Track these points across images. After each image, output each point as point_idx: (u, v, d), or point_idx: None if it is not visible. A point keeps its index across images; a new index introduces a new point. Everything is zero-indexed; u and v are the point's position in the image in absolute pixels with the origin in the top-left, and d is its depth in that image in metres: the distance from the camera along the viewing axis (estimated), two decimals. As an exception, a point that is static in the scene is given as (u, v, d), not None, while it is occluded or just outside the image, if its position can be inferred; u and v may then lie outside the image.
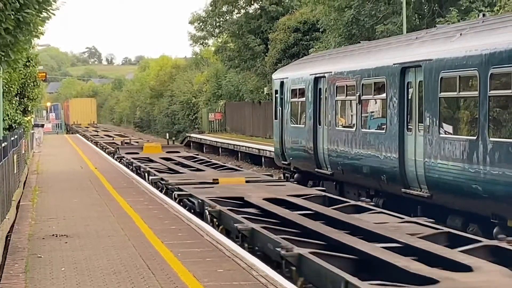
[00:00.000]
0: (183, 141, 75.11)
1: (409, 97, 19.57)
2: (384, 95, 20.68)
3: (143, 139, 62.34)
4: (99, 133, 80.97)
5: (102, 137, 67.69)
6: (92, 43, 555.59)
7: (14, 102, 34.26)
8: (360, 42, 28.05)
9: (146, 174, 28.48)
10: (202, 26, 71.32)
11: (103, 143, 54.86)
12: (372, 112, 22.34)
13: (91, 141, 63.14)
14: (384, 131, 20.62)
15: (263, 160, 47.33)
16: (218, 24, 70.26)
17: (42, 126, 62.95)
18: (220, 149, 59.21)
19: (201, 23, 71.08)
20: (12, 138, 22.00)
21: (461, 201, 16.92)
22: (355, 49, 25.60)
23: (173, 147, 44.85)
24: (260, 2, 65.72)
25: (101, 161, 36.83)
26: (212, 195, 19.34)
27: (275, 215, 16.47)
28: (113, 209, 19.55)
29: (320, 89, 25.83)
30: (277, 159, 30.91)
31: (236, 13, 68.46)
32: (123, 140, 53.72)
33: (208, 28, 71.39)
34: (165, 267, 12.32)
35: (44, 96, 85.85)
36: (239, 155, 53.88)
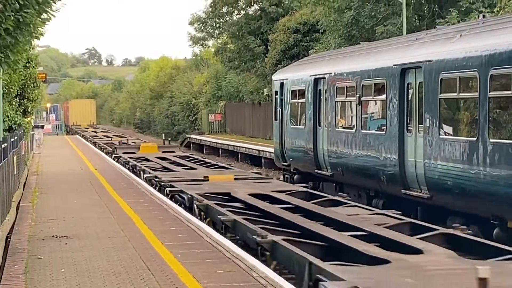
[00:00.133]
0: (183, 142, 75.11)
1: (409, 98, 19.57)
2: (384, 96, 20.68)
3: (141, 140, 62.72)
4: (98, 133, 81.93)
5: (100, 138, 68.65)
6: (92, 44, 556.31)
7: (14, 103, 34.29)
8: (360, 43, 28.06)
9: (141, 172, 29.56)
10: (202, 27, 71.32)
11: (101, 143, 55.82)
12: (372, 113, 22.34)
13: (90, 142, 63.86)
14: (384, 132, 20.62)
15: (263, 161, 47.31)
16: (218, 25, 70.27)
17: (42, 127, 62.99)
18: (220, 150, 59.20)
19: (201, 24, 71.08)
20: (12, 139, 21.99)
21: (461, 202, 16.92)
22: (355, 50, 25.60)
23: (169, 147, 45.73)
24: (260, 3, 65.74)
25: (101, 162, 36.82)
26: (201, 191, 20.57)
27: (258, 208, 17.80)
28: (113, 210, 19.54)
29: (320, 90, 25.83)
30: (277, 160, 30.91)
31: (236, 14, 68.49)
32: (121, 141, 54.74)
33: (208, 29, 71.41)
34: (165, 268, 12.32)
35: (44, 97, 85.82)
36: (239, 156, 53.86)
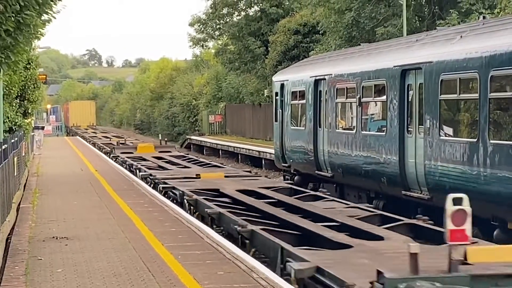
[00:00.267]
0: (183, 143, 75.12)
1: (409, 99, 19.57)
2: (384, 97, 20.68)
3: (139, 141, 63.25)
4: (98, 134, 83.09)
5: (100, 138, 69.80)
6: (93, 45, 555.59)
7: (14, 104, 34.29)
8: (360, 45, 28.06)
9: (137, 171, 30.70)
10: (202, 28, 71.34)
11: (100, 144, 56.96)
12: (372, 114, 22.34)
13: (89, 142, 64.68)
14: (384, 133, 20.62)
15: (263, 162, 47.32)
16: (218, 26, 70.30)
17: (43, 128, 62.97)
18: (220, 152, 59.21)
19: (201, 25, 71.09)
20: (13, 141, 21.98)
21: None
22: (355, 51, 25.61)
23: (165, 147, 46.55)
24: (261, 5, 65.75)
25: (101, 164, 36.82)
26: (192, 187, 22.01)
27: (243, 203, 19.26)
28: (113, 211, 19.54)
29: (320, 91, 25.83)
30: (277, 161, 30.91)
31: (236, 16, 68.52)
32: (119, 141, 55.80)
33: (208, 30, 71.42)
34: (165, 270, 12.31)
35: (44, 98, 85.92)
36: (239, 157, 53.86)
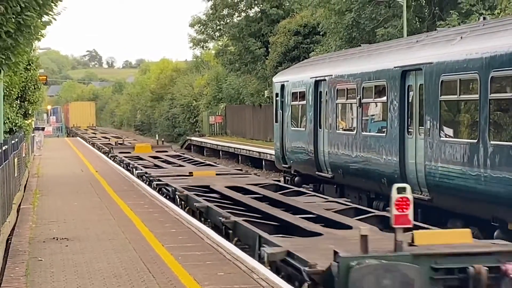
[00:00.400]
0: (183, 144, 75.12)
1: (410, 100, 19.56)
2: (385, 98, 20.68)
3: (137, 141, 63.78)
4: (97, 135, 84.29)
5: (99, 139, 71.06)
6: (93, 46, 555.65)
7: (14, 105, 34.27)
8: (360, 45, 28.08)
9: (134, 169, 31.84)
10: (203, 29, 71.34)
11: (99, 144, 58.28)
12: (372, 115, 22.34)
13: (88, 142, 65.60)
14: (384, 134, 20.62)
15: (263, 163, 47.33)
16: (218, 27, 70.30)
17: (43, 129, 63.02)
18: (221, 152, 59.22)
19: (201, 26, 71.09)
20: (13, 142, 21.98)
21: (461, 204, 16.92)
22: (356, 52, 25.61)
23: (162, 147, 47.42)
24: (261, 5, 65.75)
25: (101, 164, 36.83)
26: (184, 184, 23.08)
27: (231, 198, 20.45)
28: (114, 212, 19.55)
29: (321, 92, 25.83)
30: (277, 162, 30.90)
31: (237, 16, 68.51)
32: (117, 141, 57.12)
33: (208, 31, 71.42)
34: (165, 270, 12.32)
35: (45, 99, 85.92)
36: (239, 158, 53.87)
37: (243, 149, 52.86)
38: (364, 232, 10.66)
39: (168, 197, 22.99)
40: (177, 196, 21.71)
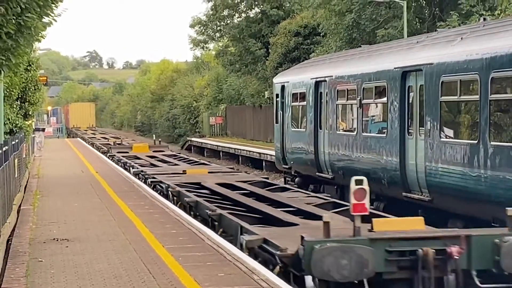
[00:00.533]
0: (184, 145, 75.14)
1: (410, 101, 19.57)
2: (385, 99, 20.68)
3: (135, 141, 64.20)
4: (96, 135, 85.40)
5: (98, 139, 71.98)
6: (93, 47, 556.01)
7: (15, 106, 34.25)
8: (361, 46, 28.07)
9: (131, 168, 32.95)
10: (203, 30, 71.34)
11: (98, 144, 59.37)
12: (373, 116, 22.34)
13: (88, 143, 66.45)
14: (385, 135, 20.62)
15: (264, 164, 47.34)
16: (219, 28, 70.30)
17: (43, 130, 63.08)
18: (221, 153, 59.22)
19: (201, 27, 71.09)
20: (13, 142, 21.98)
21: (462, 205, 16.92)
22: (356, 53, 25.61)
23: (159, 147, 48.04)
24: (261, 6, 65.75)
25: (102, 165, 36.83)
26: (177, 181, 24.13)
27: (220, 193, 21.44)
28: (114, 213, 19.54)
29: (321, 93, 25.83)
30: (278, 163, 30.91)
31: (237, 17, 68.51)
32: (115, 141, 58.07)
33: (208, 32, 71.42)
34: (166, 271, 12.32)
35: (45, 100, 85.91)
36: (240, 159, 53.87)
37: (244, 150, 52.86)
38: (326, 219, 11.89)
39: (162, 193, 24.08)
40: (169, 192, 22.84)
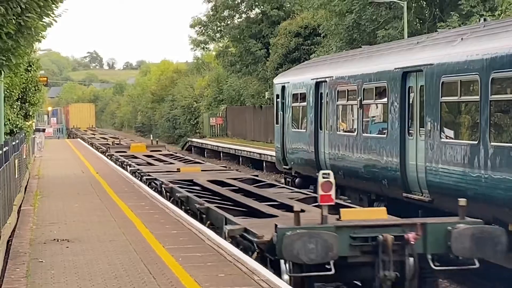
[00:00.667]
0: (184, 145, 75.14)
1: (410, 102, 19.57)
2: (385, 99, 20.68)
3: (134, 141, 64.53)
4: (96, 135, 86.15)
5: (98, 139, 72.30)
6: (93, 47, 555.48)
7: (15, 106, 34.22)
8: (361, 47, 28.07)
9: (128, 166, 34.16)
10: (203, 31, 71.32)
11: (97, 144, 59.95)
12: (373, 117, 22.34)
13: (87, 143, 67.04)
14: (385, 135, 20.62)
15: (264, 164, 47.33)
16: (219, 28, 70.28)
17: (44, 130, 63.10)
18: (222, 154, 59.19)
19: (202, 28, 71.07)
20: (14, 143, 21.98)
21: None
22: (356, 53, 25.61)
23: (156, 147, 48.83)
24: (262, 7, 65.74)
25: (102, 166, 36.84)
26: (171, 178, 25.01)
27: (210, 190, 22.32)
28: (114, 213, 19.55)
29: (321, 93, 25.83)
30: (278, 164, 30.91)
31: (237, 18, 68.50)
32: (114, 141, 58.83)
33: (209, 32, 71.40)
34: (166, 272, 12.32)
35: (46, 100, 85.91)
36: (240, 159, 53.86)
37: (244, 150, 52.85)
38: (296, 209, 13.40)
39: (156, 190, 25.22)
40: (163, 188, 24.00)
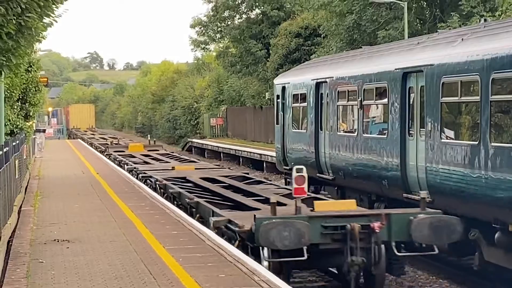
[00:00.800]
0: (184, 146, 75.15)
1: (411, 102, 19.56)
2: (386, 100, 20.67)
3: (132, 141, 64.68)
4: (95, 136, 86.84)
5: (97, 139, 73.03)
6: (94, 48, 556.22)
7: (15, 107, 34.22)
8: (361, 47, 28.06)
9: (125, 165, 35.32)
10: (204, 31, 71.31)
11: (97, 144, 60.89)
12: (373, 117, 22.33)
13: (87, 143, 67.85)
14: (385, 136, 20.61)
15: (264, 165, 47.34)
16: (219, 29, 70.28)
17: (44, 131, 63.16)
18: (222, 154, 59.19)
19: (202, 28, 71.06)
20: (14, 143, 21.98)
21: (462, 206, 16.90)
22: (357, 54, 25.59)
23: (154, 146, 49.63)
24: (262, 7, 65.75)
25: (102, 166, 36.86)
26: (165, 176, 26.18)
27: (202, 186, 23.39)
28: (115, 214, 19.55)
29: (322, 94, 25.82)
30: (278, 164, 30.90)
31: (238, 18, 68.50)
32: (112, 141, 60.34)
33: (209, 33, 71.40)
34: (166, 272, 12.32)
35: (46, 101, 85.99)
36: (240, 160, 53.86)
37: (244, 151, 52.86)
38: (273, 199, 14.94)
39: (151, 186, 26.47)
40: (157, 184, 25.21)
